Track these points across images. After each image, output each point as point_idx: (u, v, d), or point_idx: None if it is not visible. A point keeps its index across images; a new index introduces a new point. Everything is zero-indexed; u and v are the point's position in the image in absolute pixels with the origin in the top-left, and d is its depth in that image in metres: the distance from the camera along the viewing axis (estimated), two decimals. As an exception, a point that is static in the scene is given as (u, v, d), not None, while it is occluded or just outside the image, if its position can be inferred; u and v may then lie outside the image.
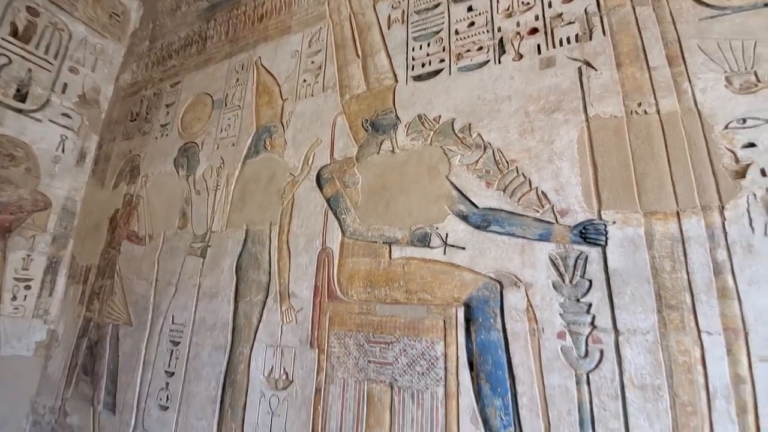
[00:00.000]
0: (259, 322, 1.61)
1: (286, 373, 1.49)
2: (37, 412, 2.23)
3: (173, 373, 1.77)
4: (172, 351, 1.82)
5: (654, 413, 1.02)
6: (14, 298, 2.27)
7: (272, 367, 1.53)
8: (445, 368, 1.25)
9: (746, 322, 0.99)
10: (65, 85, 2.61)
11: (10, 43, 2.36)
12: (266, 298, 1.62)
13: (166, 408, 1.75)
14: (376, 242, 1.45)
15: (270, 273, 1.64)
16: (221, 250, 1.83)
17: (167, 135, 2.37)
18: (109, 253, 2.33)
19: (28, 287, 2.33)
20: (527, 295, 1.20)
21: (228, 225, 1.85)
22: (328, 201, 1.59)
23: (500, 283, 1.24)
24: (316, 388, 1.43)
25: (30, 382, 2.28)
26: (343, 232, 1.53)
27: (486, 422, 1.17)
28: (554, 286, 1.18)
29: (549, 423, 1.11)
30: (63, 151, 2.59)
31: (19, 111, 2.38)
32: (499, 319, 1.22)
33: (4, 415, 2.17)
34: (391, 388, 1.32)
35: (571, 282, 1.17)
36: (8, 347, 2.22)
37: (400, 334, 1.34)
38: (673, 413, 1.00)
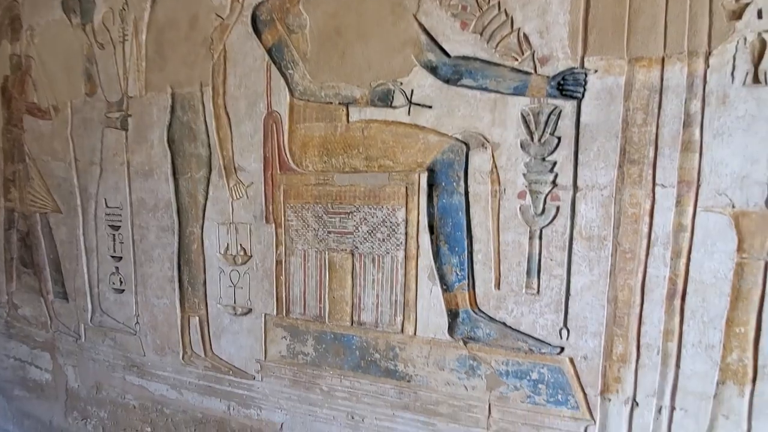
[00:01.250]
0: (206, 200, 1.48)
1: (244, 249, 1.46)
2: None
3: (121, 258, 1.69)
4: (113, 236, 1.70)
5: (596, 260, 1.11)
6: None
7: (228, 244, 1.47)
8: (406, 233, 1.26)
9: (701, 174, 1.02)
10: None
11: None
12: (210, 173, 1.46)
13: (121, 291, 1.72)
14: (331, 103, 1.27)
15: (210, 145, 1.44)
16: (146, 120, 1.56)
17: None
18: (12, 132, 1.95)
19: None
20: (493, 157, 1.15)
21: (147, 88, 1.54)
22: (269, 52, 1.31)
23: (467, 144, 1.17)
24: (276, 261, 1.42)
25: None
26: (291, 91, 1.31)
27: (442, 278, 1.25)
28: (522, 145, 1.13)
29: (500, 274, 1.20)
30: None
31: None
32: (462, 183, 1.19)
33: None
34: (352, 255, 1.33)
35: (539, 140, 1.11)
36: None
37: (361, 203, 1.29)
38: (613, 260, 1.10)
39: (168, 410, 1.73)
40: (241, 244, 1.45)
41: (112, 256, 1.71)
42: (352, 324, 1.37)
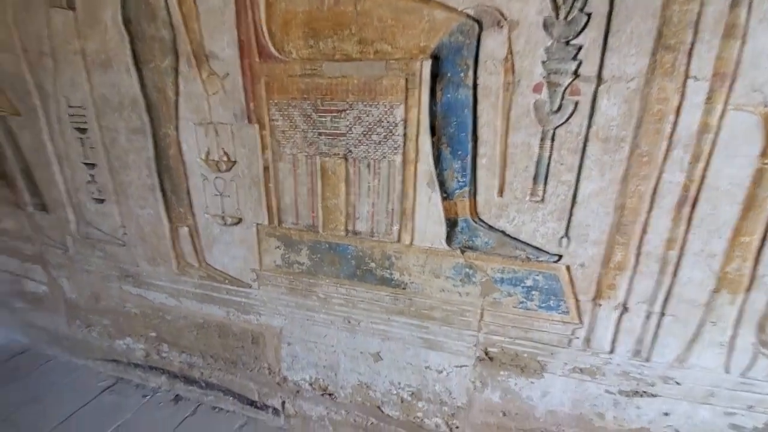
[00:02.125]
0: (177, 95, 1.32)
1: (227, 154, 1.35)
2: None
3: (95, 165, 1.58)
4: (81, 140, 1.56)
5: (609, 165, 1.04)
6: None
7: (208, 148, 1.36)
8: (405, 135, 1.15)
9: (739, 67, 0.89)
10: None
11: None
12: (177, 62, 1.27)
13: (101, 200, 1.65)
14: (316, -36, 1.04)
15: (172, 25, 1.23)
16: (93, -4, 1.30)
17: None
18: (-64, 19, 1.65)
19: None
20: (509, 39, 0.99)
21: (88, -50, 1.25)
22: None
23: (479, 23, 0.99)
24: (263, 167, 1.33)
25: None
26: (265, -50, 1.06)
27: (442, 184, 1.18)
28: (544, 25, 0.96)
29: (504, 180, 1.13)
30: None
31: None
32: (471, 73, 1.04)
33: None
34: (346, 159, 1.23)
35: (566, 18, 0.94)
36: None
37: (354, 99, 1.15)
38: (627, 164, 1.02)
39: (169, 317, 1.80)
40: (223, 148, 1.34)
41: (85, 163, 1.59)
42: (347, 234, 1.34)
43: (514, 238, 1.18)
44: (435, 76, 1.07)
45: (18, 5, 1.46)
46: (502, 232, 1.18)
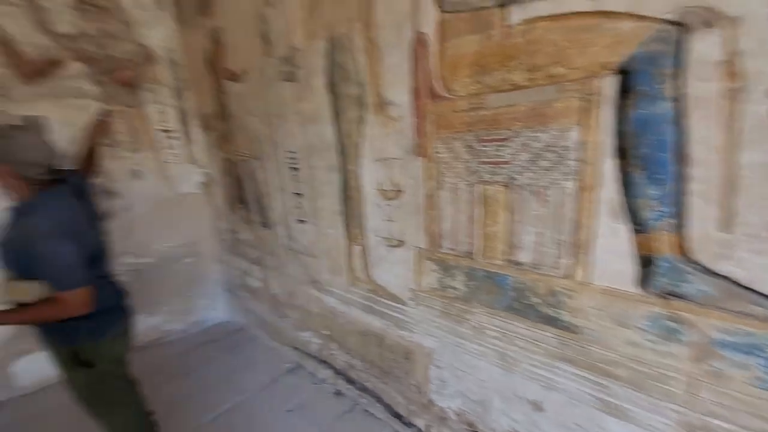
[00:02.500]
0: (361, 138, 1.59)
1: (396, 184, 1.52)
2: (220, 232, 3.05)
3: (301, 194, 2.05)
4: (294, 176, 2.06)
5: None
6: (171, 147, 2.80)
7: (381, 180, 1.57)
8: (581, 159, 1.04)
9: None
10: None
11: None
12: (363, 112, 1.55)
13: (303, 222, 2.11)
14: (485, 8, 1.09)
15: (361, 83, 1.51)
16: (309, 69, 1.75)
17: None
18: (220, 98, 2.53)
19: (173, 137, 2.82)
20: (728, 39, 0.78)
21: (309, 36, 1.69)
22: (414, -36, 1.21)
23: (682, 26, 0.83)
24: (426, 195, 1.44)
25: (206, 210, 3.06)
26: (440, 4, 1.19)
27: (633, 214, 1.00)
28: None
29: (730, 211, 0.87)
30: (143, -4, 2.58)
31: (92, -42, 2.34)
32: (670, 83, 0.87)
33: (200, 233, 3.05)
34: (508, 187, 1.21)
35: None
36: (183, 186, 2.91)
37: (520, 127, 1.13)
38: None
39: (340, 320, 2.12)
40: (393, 180, 1.52)
41: (295, 193, 2.10)
42: (506, 263, 1.29)
43: (750, 289, 0.88)
44: (622, 93, 0.94)
45: (262, 83, 2.09)
46: (728, 278, 0.90)
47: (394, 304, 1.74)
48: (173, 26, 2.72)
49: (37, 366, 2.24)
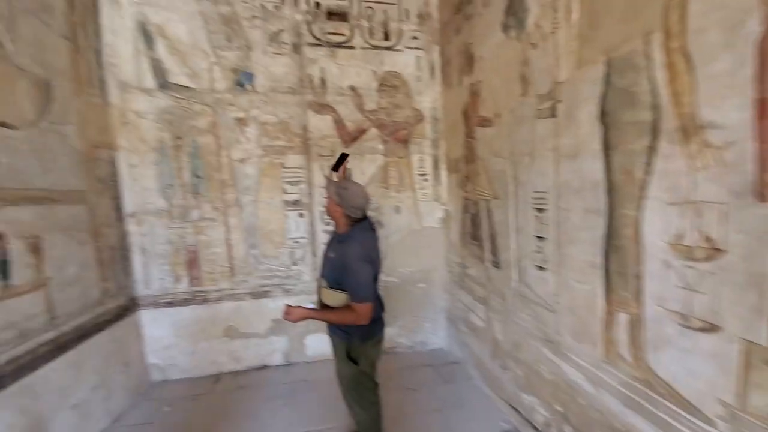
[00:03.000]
0: (647, 174, 1.23)
1: (710, 240, 1.06)
2: (450, 264, 3.22)
3: (544, 238, 1.83)
4: (538, 217, 1.87)
5: None
6: (421, 188, 3.27)
7: (681, 231, 1.14)
8: None
9: None
10: (407, 11, 3.14)
11: (374, -6, 3.10)
12: (655, 141, 1.19)
13: (542, 269, 1.87)
14: None
15: (656, 106, 1.17)
16: (574, 101, 1.55)
17: (489, 5, 2.26)
18: (469, 143, 2.73)
19: (426, 180, 3.28)
20: None
21: (579, 65, 1.51)
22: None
23: None
24: (777, 263, 0.90)
25: (441, 243, 3.32)
26: None
27: None
28: None
29: None
30: (420, 69, 3.21)
31: (388, 48, 3.15)
32: None
33: (433, 263, 3.32)
34: None
35: None
36: (426, 221, 3.31)
37: None
38: None
39: (582, 401, 1.68)
40: (704, 232, 1.07)
41: (536, 236, 1.90)
42: None
43: None
44: None
45: (514, 123, 2.07)
46: None
47: (685, 414, 1.18)
48: (439, 89, 3.24)
49: (320, 344, 3.02)
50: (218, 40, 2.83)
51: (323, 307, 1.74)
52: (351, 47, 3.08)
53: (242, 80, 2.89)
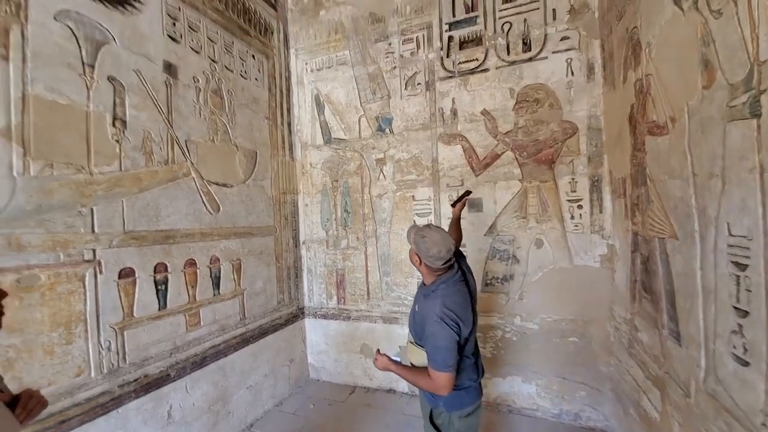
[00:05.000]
0: None
1: None
2: (615, 319, 2.37)
3: (747, 313, 1.09)
4: (737, 277, 1.13)
5: None
6: (572, 217, 2.61)
7: None
8: None
9: None
10: (553, 11, 2.67)
11: (506, 8, 2.81)
12: None
13: (745, 363, 1.11)
14: None
15: None
16: None
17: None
18: (637, 158, 2.00)
19: (580, 206, 2.60)
20: None
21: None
22: None
23: None
24: None
25: (602, 288, 2.50)
26: None
27: None
28: None
29: None
30: (572, 74, 2.64)
31: (530, 60, 2.74)
32: None
33: (591, 314, 2.54)
34: None
35: None
36: (578, 258, 2.59)
37: None
38: None
39: None
40: None
41: (735, 308, 1.15)
42: None
43: None
44: None
45: (695, 129, 1.36)
46: None
47: None
48: (599, 93, 2.56)
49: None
50: (366, 95, 3.25)
51: (408, 366, 1.58)
52: (484, 70, 2.88)
53: (383, 125, 3.20)
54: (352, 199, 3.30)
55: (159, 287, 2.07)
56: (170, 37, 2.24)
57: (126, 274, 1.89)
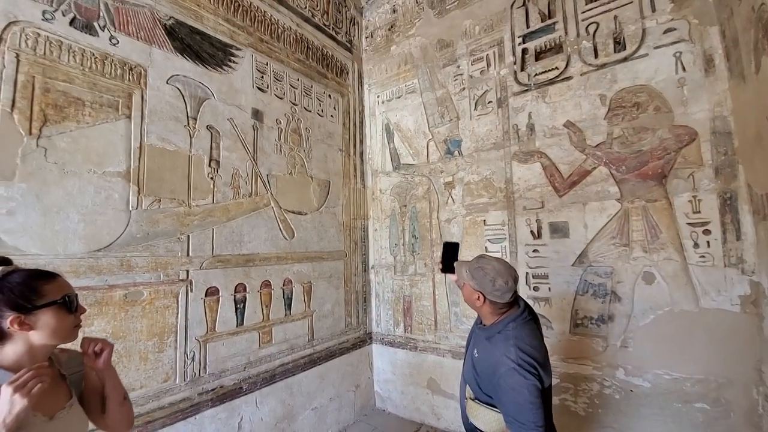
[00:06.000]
0: None
1: None
2: (765, 383, 1.68)
3: None
4: None
5: None
6: (696, 245, 2.03)
7: None
8: None
9: None
10: (651, 2, 2.26)
11: (591, 8, 2.48)
12: None
13: None
14: None
15: None
16: None
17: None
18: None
19: (706, 232, 2.00)
20: None
21: None
22: None
23: None
24: None
25: (745, 340, 1.83)
26: None
27: None
28: None
29: None
30: (683, 69, 2.15)
31: (624, 59, 2.33)
32: None
33: (727, 374, 1.86)
34: None
35: None
36: (707, 299, 1.96)
37: None
38: None
39: None
40: None
41: None
42: None
43: None
44: None
45: None
46: None
47: None
48: (723, 89, 2.01)
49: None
50: (434, 119, 3.22)
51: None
52: (566, 78, 2.57)
53: (451, 148, 3.09)
54: (420, 224, 3.21)
55: (238, 305, 2.30)
56: (258, 88, 2.61)
57: (211, 292, 2.15)
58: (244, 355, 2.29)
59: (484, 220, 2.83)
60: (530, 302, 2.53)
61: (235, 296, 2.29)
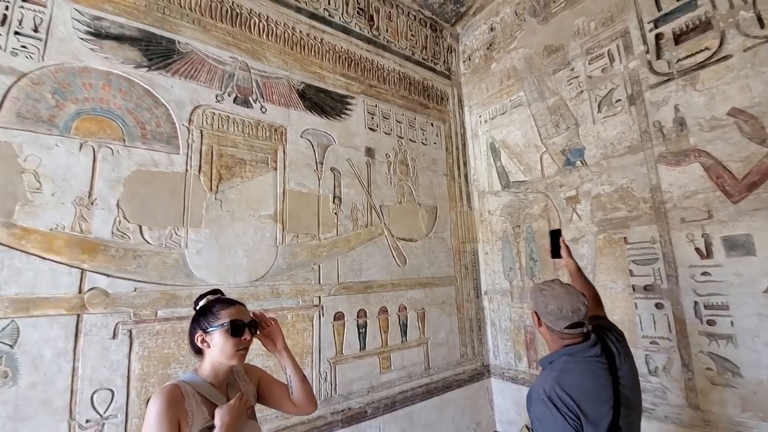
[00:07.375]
0: None
1: None
2: None
3: None
4: None
5: None
6: None
7: None
8: None
9: None
10: None
11: None
12: None
13: None
14: None
15: None
16: None
17: None
18: None
19: None
20: None
21: None
22: None
23: None
24: None
25: None
26: None
27: None
28: None
29: None
30: None
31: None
32: None
33: None
34: None
35: None
36: None
37: None
38: None
39: None
40: None
41: None
42: None
43: None
44: None
45: None
46: None
47: None
48: None
49: None
50: (546, 130, 2.97)
51: None
52: (723, 58, 2.07)
53: (572, 158, 2.78)
54: (538, 245, 2.91)
55: (360, 330, 2.45)
56: (369, 128, 2.88)
57: (338, 317, 2.36)
58: (367, 380, 2.40)
59: (625, 238, 2.39)
60: (705, 340, 2.00)
61: (357, 321, 2.46)
